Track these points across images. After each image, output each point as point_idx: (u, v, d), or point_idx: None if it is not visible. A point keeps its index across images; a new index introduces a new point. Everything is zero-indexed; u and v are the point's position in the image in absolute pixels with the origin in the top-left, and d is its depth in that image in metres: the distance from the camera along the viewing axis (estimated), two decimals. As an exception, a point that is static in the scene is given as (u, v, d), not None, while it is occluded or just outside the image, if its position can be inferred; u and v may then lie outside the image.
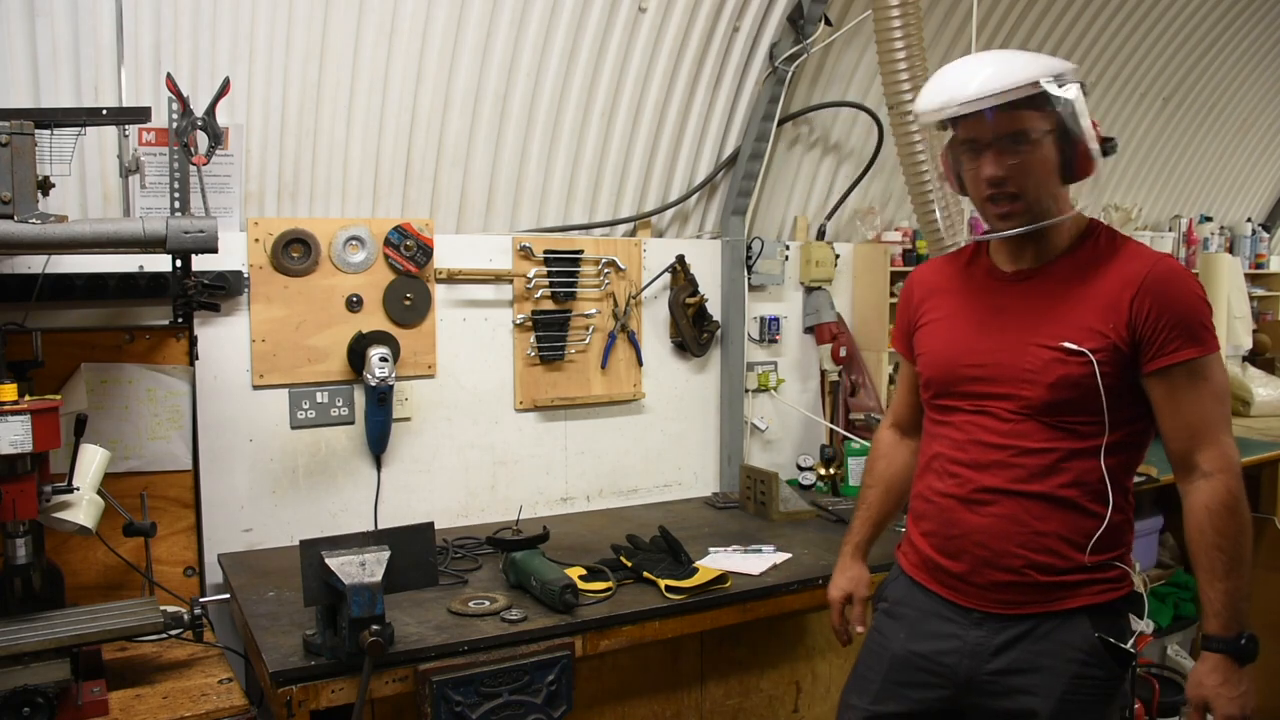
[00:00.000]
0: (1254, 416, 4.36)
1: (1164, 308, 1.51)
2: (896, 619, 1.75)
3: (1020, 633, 1.59)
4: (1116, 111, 4.13)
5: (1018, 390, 1.58)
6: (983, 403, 1.63)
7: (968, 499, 1.63)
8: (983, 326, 1.65)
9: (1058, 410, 1.56)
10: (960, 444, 1.66)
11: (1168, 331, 1.51)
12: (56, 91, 2.15)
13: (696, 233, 3.17)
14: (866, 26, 2.84)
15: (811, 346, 3.33)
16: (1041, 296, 1.61)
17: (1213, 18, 4.01)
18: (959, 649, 1.64)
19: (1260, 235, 5.07)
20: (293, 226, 2.46)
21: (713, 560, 2.33)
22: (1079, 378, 1.54)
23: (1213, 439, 1.53)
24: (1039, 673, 1.57)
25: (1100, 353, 1.53)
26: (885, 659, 1.74)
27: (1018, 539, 1.58)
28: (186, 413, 2.21)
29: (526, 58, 2.64)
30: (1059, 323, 1.57)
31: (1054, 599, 1.58)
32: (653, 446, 3.05)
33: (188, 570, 2.22)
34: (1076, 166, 1.57)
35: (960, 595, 1.65)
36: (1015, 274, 1.65)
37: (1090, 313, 1.55)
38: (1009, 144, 1.54)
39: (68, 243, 1.75)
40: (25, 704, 1.59)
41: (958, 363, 1.66)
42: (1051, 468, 1.57)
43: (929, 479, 1.72)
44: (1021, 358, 1.58)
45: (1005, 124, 1.54)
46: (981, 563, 1.61)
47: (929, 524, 1.71)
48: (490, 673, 1.82)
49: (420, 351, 2.64)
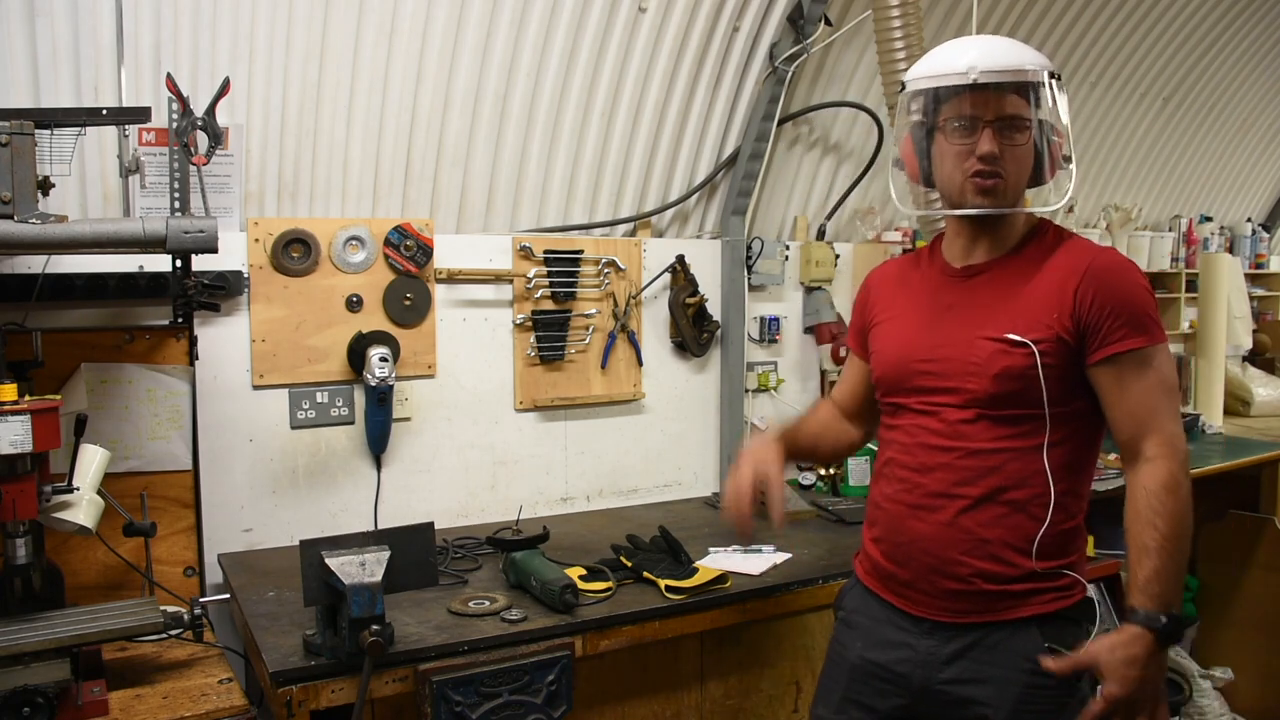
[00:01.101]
0: (1254, 416, 4.36)
1: (1107, 297, 1.52)
2: (853, 628, 1.75)
3: (970, 642, 1.59)
4: (1116, 111, 4.13)
5: (963, 384, 1.59)
6: (930, 399, 1.63)
7: (914, 505, 1.63)
8: (932, 323, 1.66)
9: (1002, 403, 1.56)
10: (907, 448, 1.66)
11: (1111, 320, 1.52)
12: (56, 91, 2.15)
13: (696, 233, 3.17)
14: (866, 26, 2.84)
15: (811, 346, 3.33)
16: (990, 291, 1.62)
17: (1213, 18, 4.01)
18: (911, 658, 1.64)
19: (1260, 235, 5.07)
20: (293, 226, 2.46)
21: (713, 560, 2.33)
22: (1022, 369, 1.54)
23: (1158, 426, 1.52)
24: (990, 683, 1.57)
25: (1043, 343, 1.53)
26: (844, 668, 1.74)
27: (963, 546, 1.58)
28: (186, 413, 2.21)
29: (526, 58, 2.64)
30: (1005, 316, 1.58)
31: (1003, 608, 1.57)
32: (653, 446, 3.05)
33: (188, 570, 2.22)
34: (1049, 166, 1.60)
35: (910, 604, 1.65)
36: (965, 269, 1.66)
37: (1035, 305, 1.56)
38: (1007, 126, 1.56)
39: (68, 243, 1.75)
40: (25, 704, 1.59)
41: (909, 359, 1.67)
42: (996, 469, 1.56)
43: (880, 485, 1.73)
44: (968, 351, 1.59)
45: (1011, 105, 1.56)
46: (929, 570, 1.61)
47: (879, 530, 1.72)
48: (490, 673, 1.82)
49: (420, 351, 2.64)
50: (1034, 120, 1.57)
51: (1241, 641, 3.62)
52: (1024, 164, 1.58)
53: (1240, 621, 3.63)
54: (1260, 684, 3.59)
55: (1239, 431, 3.95)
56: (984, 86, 1.54)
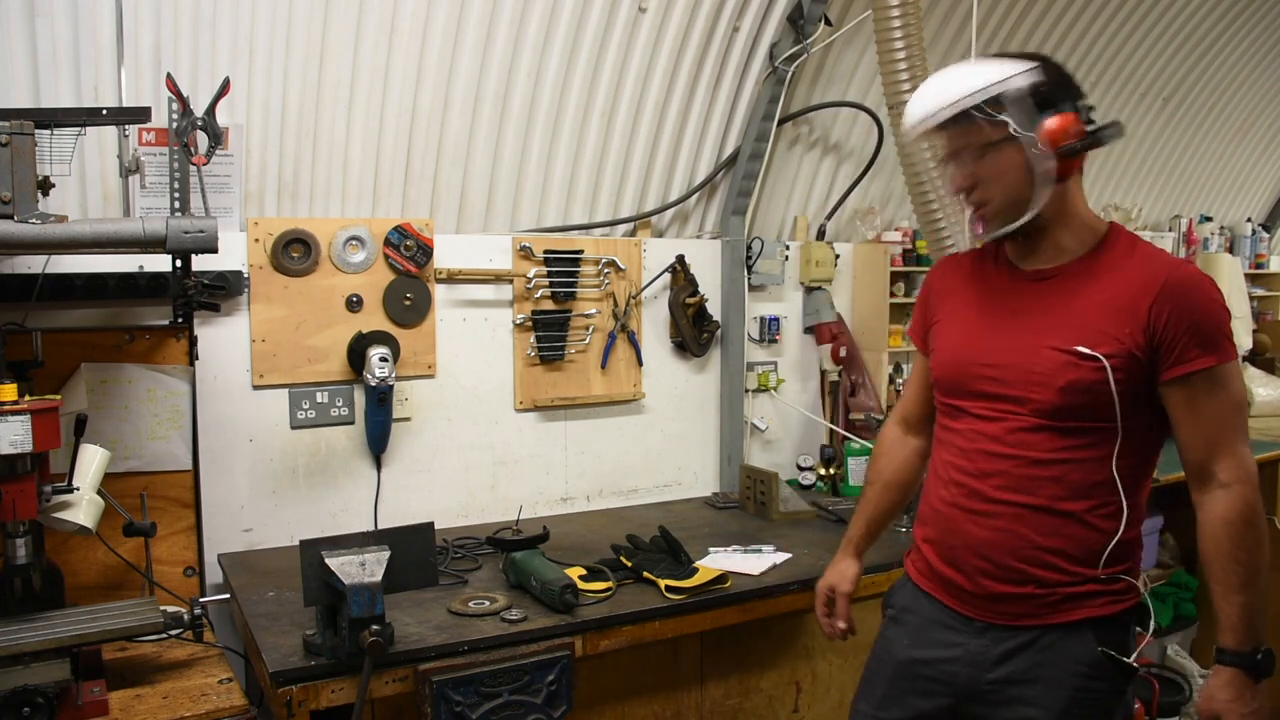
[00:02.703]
0: (1254, 416, 4.34)
1: (1183, 315, 1.48)
2: (901, 625, 1.75)
3: (1022, 643, 1.58)
4: (1116, 112, 4.12)
5: (1028, 393, 1.56)
6: (992, 405, 1.61)
7: (971, 510, 1.62)
8: (997, 326, 1.63)
9: (1067, 415, 1.53)
10: (966, 452, 1.64)
11: (1186, 339, 1.48)
12: (56, 91, 2.15)
13: (696, 233, 3.17)
14: (866, 26, 2.84)
15: (811, 346, 3.33)
16: (1058, 298, 1.58)
17: (1213, 18, 4.01)
18: (960, 657, 1.63)
19: (1260, 235, 5.06)
20: (293, 226, 2.46)
21: (712, 560, 2.33)
22: (1091, 383, 1.51)
23: (1230, 449, 1.50)
24: (1039, 684, 1.56)
25: (1115, 358, 1.50)
26: (890, 665, 1.74)
27: (1020, 553, 1.57)
28: (186, 413, 2.21)
29: (526, 58, 2.64)
30: (1074, 326, 1.54)
31: (1058, 611, 1.56)
32: (653, 446, 3.05)
33: (188, 570, 2.22)
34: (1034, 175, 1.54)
35: (962, 604, 1.64)
36: (1033, 274, 1.62)
37: (1106, 317, 1.52)
38: (967, 156, 1.56)
39: (68, 243, 1.74)
40: (25, 704, 1.59)
41: (970, 362, 1.65)
42: (1057, 479, 1.55)
43: (935, 486, 1.71)
44: (1033, 360, 1.56)
45: (958, 139, 1.56)
46: (981, 574, 1.60)
47: (932, 531, 1.70)
48: (490, 673, 1.82)
49: (420, 351, 2.64)
50: (992, 137, 1.52)
51: (1242, 641, 3.62)
52: (1006, 180, 1.54)
53: (1240, 621, 3.62)
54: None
55: (1239, 431, 3.94)
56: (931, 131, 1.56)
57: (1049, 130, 1.50)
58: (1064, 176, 1.54)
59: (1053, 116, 1.50)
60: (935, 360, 1.74)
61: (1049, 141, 1.50)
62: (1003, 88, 1.49)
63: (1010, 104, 1.49)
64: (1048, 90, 1.51)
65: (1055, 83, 1.54)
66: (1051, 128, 1.50)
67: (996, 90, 1.49)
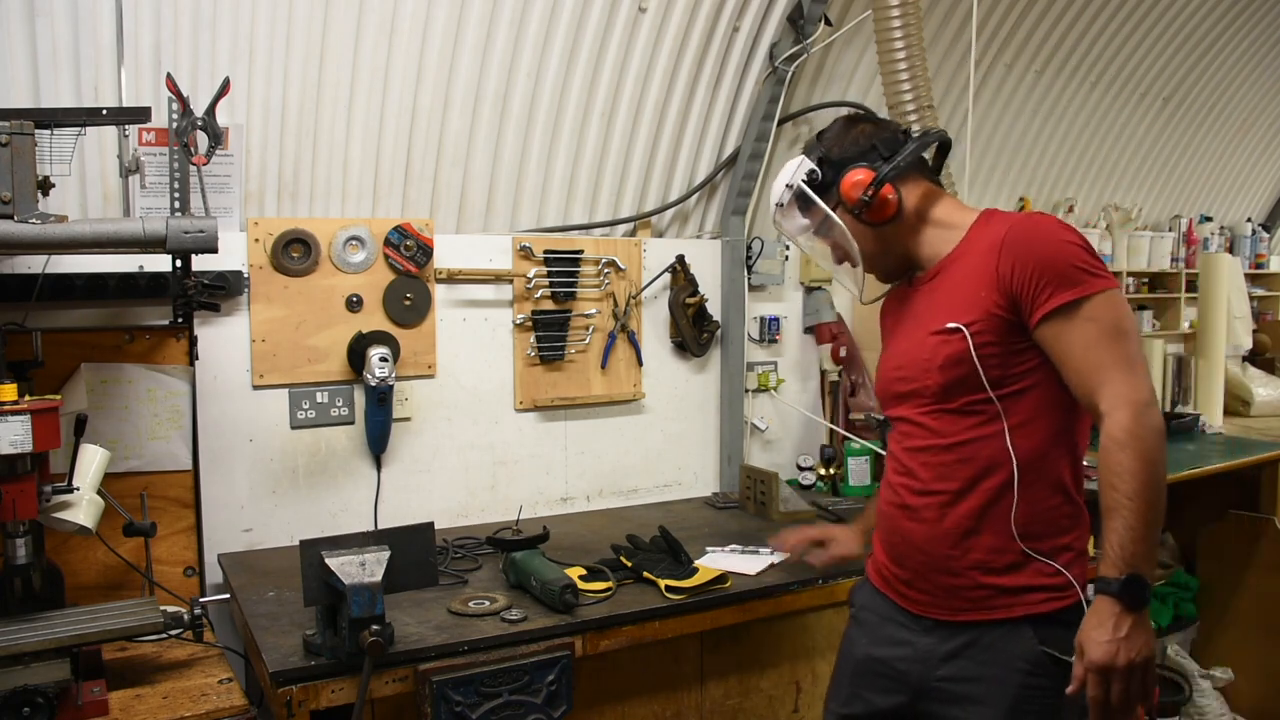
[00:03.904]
0: (1254, 416, 4.35)
1: (1027, 259, 1.50)
2: (861, 624, 1.79)
3: (965, 641, 1.60)
4: (1116, 112, 4.13)
5: (922, 382, 1.62)
6: (906, 405, 1.67)
7: (903, 505, 1.67)
8: (900, 335, 1.73)
9: (954, 392, 1.57)
10: (895, 454, 1.72)
11: (1037, 281, 1.49)
12: (56, 91, 2.15)
13: (696, 233, 3.17)
14: (866, 26, 2.84)
15: (811, 346, 3.33)
16: (937, 291, 1.66)
17: (1213, 18, 4.01)
18: (910, 655, 1.66)
19: (1260, 235, 5.07)
20: (293, 226, 2.46)
21: (709, 560, 2.33)
22: (960, 354, 1.55)
23: (1107, 377, 1.46)
24: (984, 682, 1.58)
25: (976, 324, 1.54)
26: (851, 663, 1.78)
27: (952, 540, 1.59)
28: (186, 413, 2.21)
29: (526, 58, 2.64)
30: (944, 307, 1.60)
31: (997, 606, 1.58)
32: (653, 446, 3.05)
33: (188, 570, 2.23)
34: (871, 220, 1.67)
35: (911, 602, 1.67)
36: (919, 279, 1.72)
37: (968, 289, 1.57)
38: (820, 234, 1.75)
39: (68, 243, 1.74)
40: (25, 704, 1.59)
41: (887, 370, 1.75)
42: (968, 460, 1.58)
43: (881, 491, 1.78)
44: (920, 349, 1.63)
45: (806, 224, 1.75)
46: (926, 568, 1.63)
47: (881, 532, 1.76)
48: (490, 673, 1.82)
49: (420, 351, 2.65)
50: (816, 219, 1.72)
51: (1241, 641, 3.62)
52: (851, 245, 1.70)
53: (1240, 621, 3.63)
54: (1260, 684, 3.59)
55: (1239, 431, 3.95)
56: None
57: (844, 193, 1.66)
58: (885, 216, 1.66)
59: (843, 179, 1.66)
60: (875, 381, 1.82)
61: (849, 201, 1.66)
62: (791, 191, 1.71)
63: (802, 197, 1.70)
64: (832, 163, 1.68)
65: (839, 152, 1.69)
66: (845, 190, 1.66)
67: (786, 194, 1.72)
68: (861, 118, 1.76)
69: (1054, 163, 4.09)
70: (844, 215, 1.68)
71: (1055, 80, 3.80)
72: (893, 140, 1.68)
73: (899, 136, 1.69)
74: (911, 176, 1.68)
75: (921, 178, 1.71)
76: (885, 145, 1.67)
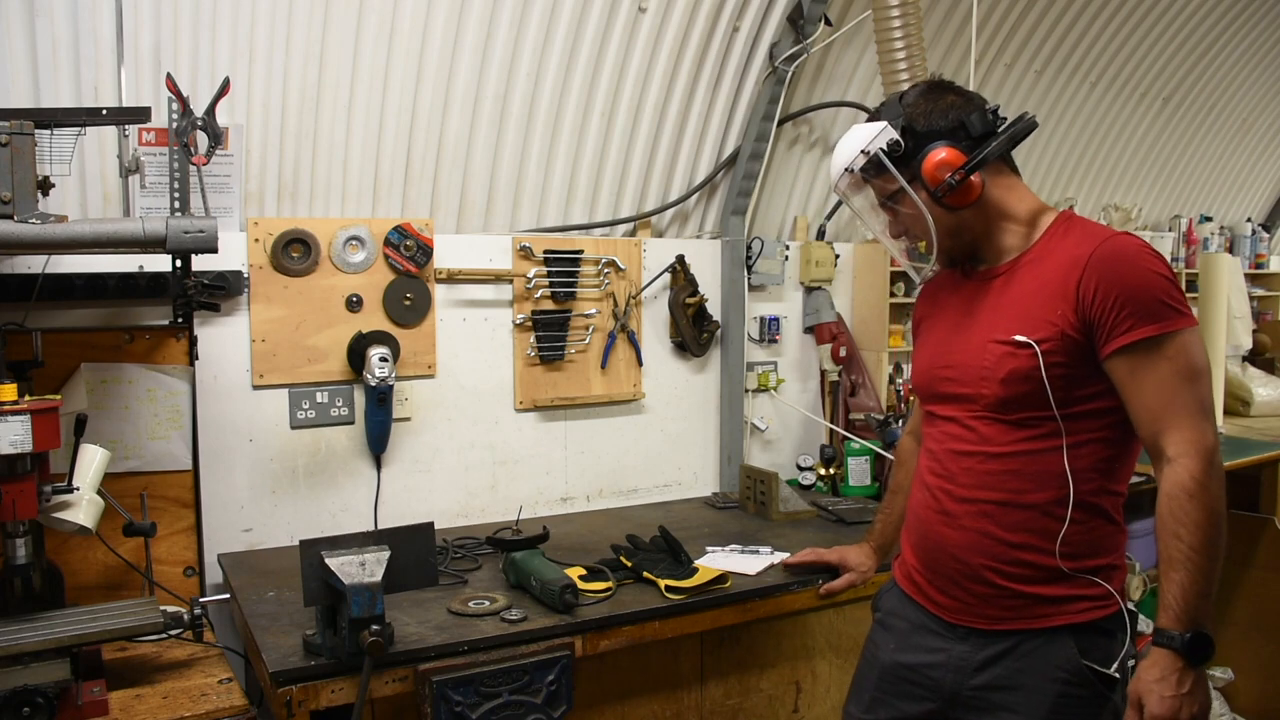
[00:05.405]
0: (1254, 416, 4.35)
1: (1111, 286, 1.45)
2: (888, 629, 1.76)
3: (1003, 649, 1.58)
4: (1116, 112, 4.13)
5: (978, 389, 1.58)
6: (954, 405, 1.63)
7: (942, 511, 1.63)
8: (956, 330, 1.67)
9: (1014, 406, 1.54)
10: (936, 455, 1.67)
11: (1118, 311, 1.44)
12: (56, 91, 2.15)
13: (696, 233, 3.17)
14: (866, 26, 2.84)
15: (811, 346, 3.33)
16: (1004, 293, 1.60)
17: (1213, 18, 4.01)
18: (944, 663, 1.64)
19: (1260, 235, 5.06)
20: (293, 226, 2.46)
21: (709, 560, 2.33)
22: (1028, 370, 1.51)
23: (1177, 422, 1.44)
24: (1021, 690, 1.56)
25: (1047, 342, 1.49)
26: (876, 668, 1.75)
27: (990, 552, 1.57)
28: (186, 413, 2.21)
29: (526, 58, 2.64)
30: (1012, 316, 1.56)
31: (1036, 615, 1.55)
32: (652, 446, 3.05)
33: (188, 570, 2.22)
34: (950, 203, 1.58)
35: (945, 610, 1.65)
36: (984, 274, 1.65)
37: (1041, 302, 1.53)
38: (885, 206, 1.66)
39: (68, 243, 1.74)
40: (25, 704, 1.59)
41: (935, 366, 1.69)
42: (1015, 473, 1.55)
43: (915, 490, 1.74)
44: (980, 356, 1.58)
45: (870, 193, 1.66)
46: (960, 576, 1.61)
47: (914, 536, 1.73)
48: (490, 673, 1.82)
49: (420, 351, 2.64)
50: (890, 188, 1.62)
51: (1241, 641, 3.62)
52: (920, 223, 1.61)
53: (1240, 621, 3.63)
54: (1260, 684, 3.59)
55: (1239, 431, 3.95)
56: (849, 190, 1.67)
57: (926, 172, 1.56)
58: (966, 202, 1.57)
59: (927, 157, 1.56)
60: (913, 371, 1.79)
61: (930, 182, 1.57)
62: (865, 157, 1.59)
63: (878, 165, 1.59)
64: (916, 134, 1.57)
65: (924, 123, 1.57)
66: (928, 169, 1.56)
67: (861, 160, 1.60)
68: (947, 86, 1.63)
69: (1054, 162, 4.09)
70: (919, 191, 1.58)
71: (1055, 80, 3.80)
72: (982, 118, 1.56)
73: (989, 116, 1.57)
74: (993, 163, 1.58)
75: (1002, 164, 1.62)
76: (975, 124, 1.56)
